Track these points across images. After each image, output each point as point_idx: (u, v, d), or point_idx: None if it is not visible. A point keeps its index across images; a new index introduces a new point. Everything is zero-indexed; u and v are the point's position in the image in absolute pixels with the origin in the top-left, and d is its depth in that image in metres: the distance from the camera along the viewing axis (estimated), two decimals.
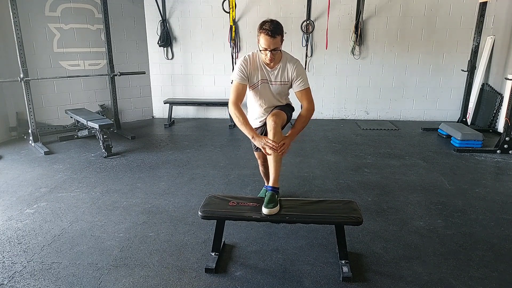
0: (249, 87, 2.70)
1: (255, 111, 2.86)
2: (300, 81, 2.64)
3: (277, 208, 2.36)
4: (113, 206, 3.24)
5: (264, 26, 2.46)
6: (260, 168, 3.23)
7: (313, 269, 2.36)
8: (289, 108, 2.88)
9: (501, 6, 5.80)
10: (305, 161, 4.38)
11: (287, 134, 2.63)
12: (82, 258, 2.47)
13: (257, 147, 2.96)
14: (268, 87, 2.71)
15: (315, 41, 6.31)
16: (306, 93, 2.67)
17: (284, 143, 2.52)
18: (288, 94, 2.87)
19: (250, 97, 2.82)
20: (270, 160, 2.58)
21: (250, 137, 2.60)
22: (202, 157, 4.55)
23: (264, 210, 2.34)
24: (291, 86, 2.73)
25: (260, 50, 2.55)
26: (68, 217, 3.03)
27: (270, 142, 2.49)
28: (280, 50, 2.58)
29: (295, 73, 2.63)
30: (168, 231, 2.81)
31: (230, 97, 2.65)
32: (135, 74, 6.01)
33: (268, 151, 2.52)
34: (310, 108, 2.68)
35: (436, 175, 3.98)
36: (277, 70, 2.64)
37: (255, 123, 2.88)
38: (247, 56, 2.65)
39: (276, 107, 2.78)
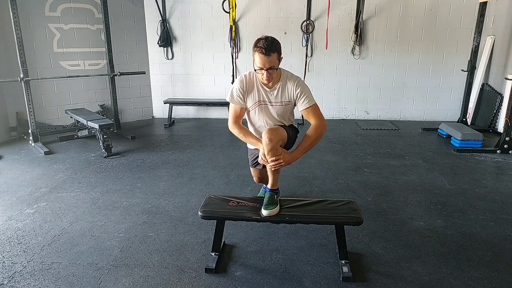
0: (246, 109, 2.58)
1: (256, 135, 2.63)
2: (304, 98, 2.45)
3: (277, 209, 2.36)
4: (113, 206, 3.24)
5: (258, 44, 2.28)
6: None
7: (313, 269, 2.36)
8: (291, 129, 2.65)
9: (501, 6, 5.80)
10: (305, 161, 4.38)
11: (292, 151, 2.48)
12: (82, 258, 2.47)
13: (253, 164, 2.88)
14: (268, 109, 2.54)
15: (315, 41, 6.31)
16: (313, 110, 2.47)
17: (277, 159, 2.33)
18: (292, 115, 2.69)
19: (249, 121, 2.66)
20: (268, 168, 2.48)
21: (258, 147, 2.49)
22: (202, 157, 4.55)
23: (264, 212, 2.34)
24: (295, 105, 2.56)
25: (256, 70, 2.38)
26: (68, 217, 3.03)
27: (261, 157, 2.39)
28: (278, 68, 2.41)
29: (298, 91, 2.45)
30: (168, 231, 2.81)
31: (229, 119, 2.57)
32: (135, 74, 6.01)
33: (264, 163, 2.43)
34: (319, 124, 2.46)
35: (436, 175, 3.98)
36: (276, 90, 2.48)
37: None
38: (243, 77, 2.50)
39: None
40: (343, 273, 2.27)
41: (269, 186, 2.52)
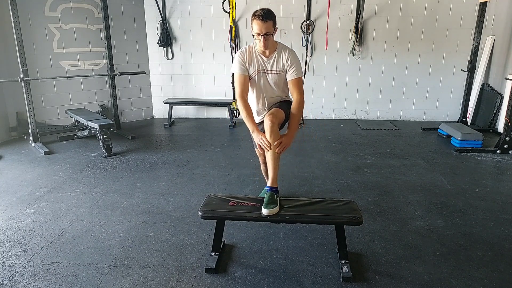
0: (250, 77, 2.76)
1: (255, 105, 2.88)
2: (293, 69, 2.69)
3: (277, 209, 2.36)
4: (113, 206, 3.24)
5: (256, 13, 2.55)
6: (262, 167, 3.22)
7: (313, 269, 2.36)
8: (287, 105, 2.84)
9: (501, 6, 5.80)
10: (305, 161, 4.38)
11: (285, 133, 2.64)
12: (82, 258, 2.47)
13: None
14: (266, 77, 2.76)
15: (315, 41, 6.31)
16: (298, 83, 2.71)
17: (280, 142, 2.54)
18: (287, 87, 2.86)
19: (249, 90, 2.84)
20: (268, 159, 2.59)
21: (251, 130, 2.68)
22: (202, 157, 4.55)
23: (264, 211, 2.34)
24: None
25: (253, 36, 2.61)
26: (68, 217, 3.03)
27: (265, 141, 2.55)
28: (275, 40, 2.69)
29: (289, 61, 2.68)
30: (168, 231, 2.81)
31: (236, 91, 2.76)
32: (135, 74, 6.01)
33: (264, 149, 2.59)
34: (300, 100, 2.70)
35: (436, 175, 3.98)
36: (272, 59, 2.71)
37: (256, 118, 2.88)
38: (243, 48, 2.76)
39: (275, 104, 2.80)
40: (343, 273, 2.27)
41: (269, 183, 2.56)
